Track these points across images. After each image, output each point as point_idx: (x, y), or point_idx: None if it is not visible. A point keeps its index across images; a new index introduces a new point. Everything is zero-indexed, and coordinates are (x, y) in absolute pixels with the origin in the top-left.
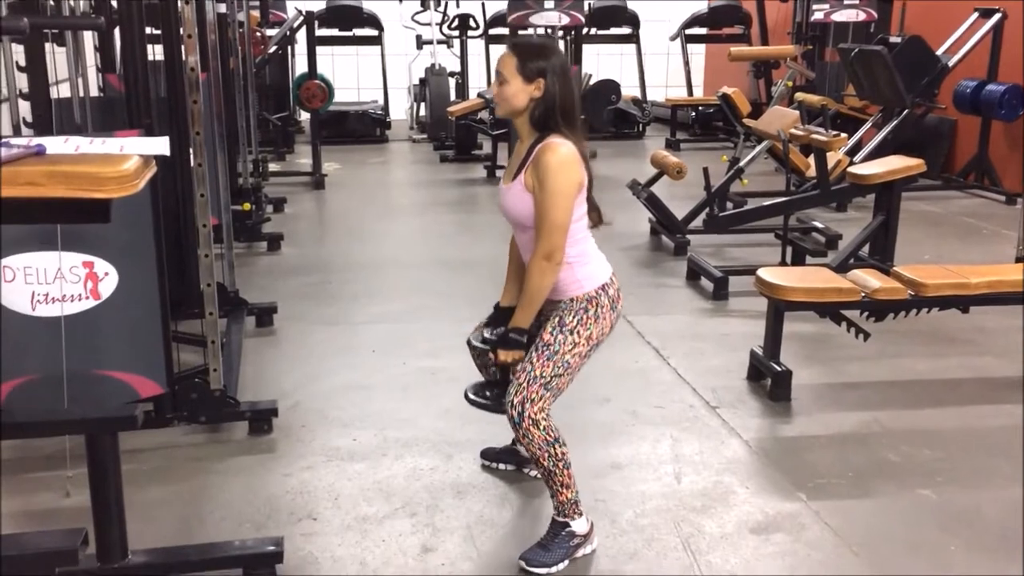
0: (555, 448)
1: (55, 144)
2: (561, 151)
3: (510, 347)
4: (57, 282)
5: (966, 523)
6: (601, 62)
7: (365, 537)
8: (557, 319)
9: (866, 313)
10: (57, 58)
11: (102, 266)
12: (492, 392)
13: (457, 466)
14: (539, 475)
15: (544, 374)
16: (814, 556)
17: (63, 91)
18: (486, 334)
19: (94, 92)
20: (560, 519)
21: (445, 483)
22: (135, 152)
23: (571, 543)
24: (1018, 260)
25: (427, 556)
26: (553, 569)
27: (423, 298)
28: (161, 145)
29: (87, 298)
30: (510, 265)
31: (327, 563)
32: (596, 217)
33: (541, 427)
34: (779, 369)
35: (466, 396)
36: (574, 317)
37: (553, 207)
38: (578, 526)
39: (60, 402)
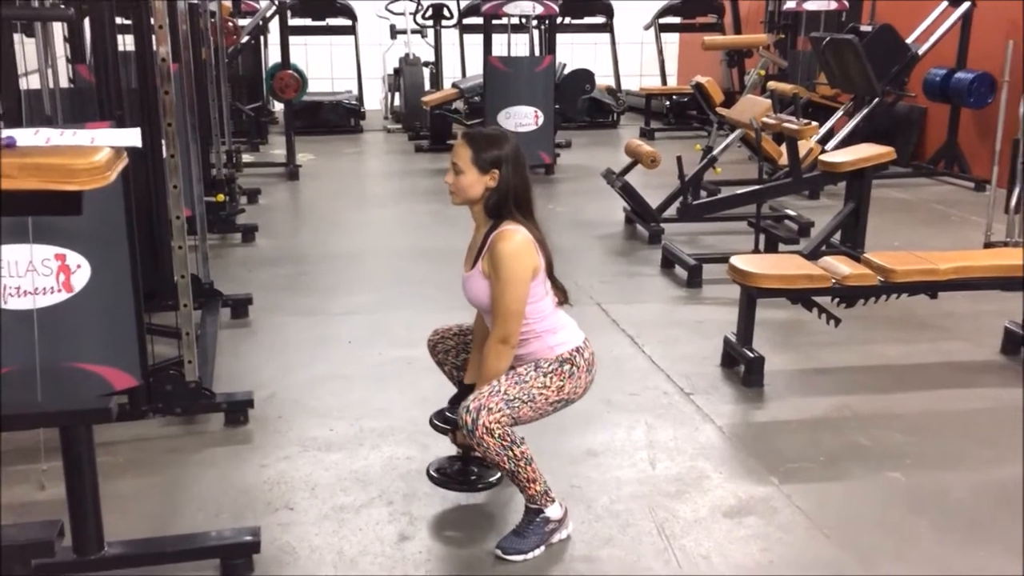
0: (512, 450)
1: (25, 136)
2: (515, 239)
3: None
4: (29, 275)
5: (935, 505)
6: (575, 51)
7: (342, 526)
8: (534, 363)
9: (837, 299)
10: (26, 48)
11: (74, 258)
12: (455, 469)
13: (434, 455)
14: (504, 474)
15: (508, 392)
16: (786, 539)
17: (32, 82)
18: (448, 414)
19: (64, 83)
20: (533, 506)
21: (422, 472)
22: (106, 144)
23: (546, 529)
24: (986, 246)
25: (404, 544)
26: (529, 555)
27: (399, 288)
28: (132, 137)
29: (59, 291)
30: (474, 342)
31: (305, 552)
32: (562, 296)
33: (495, 435)
34: (752, 355)
35: (428, 473)
36: (549, 366)
37: (506, 294)
38: (552, 512)
39: (34, 395)
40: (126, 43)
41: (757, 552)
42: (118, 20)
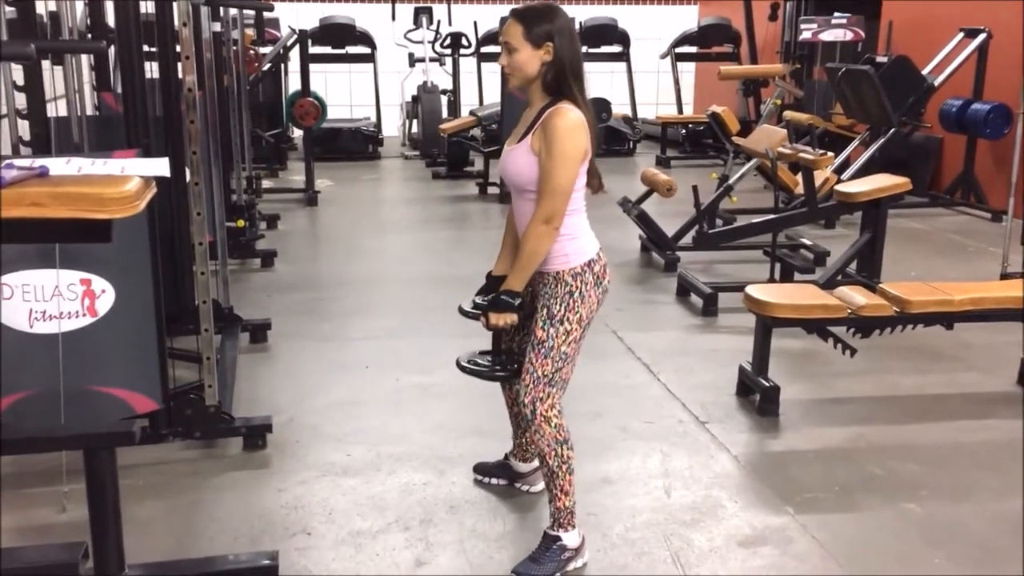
0: (562, 448)
1: (58, 165)
2: (571, 116)
3: (501, 309)
4: (55, 299)
5: (950, 536)
6: (592, 80)
7: (359, 551)
8: (546, 311)
9: (852, 329)
10: (54, 75)
11: (99, 283)
12: (484, 358)
13: (450, 481)
14: (542, 474)
15: (546, 372)
16: (801, 569)
17: (58, 108)
18: (477, 300)
19: (89, 110)
20: (552, 532)
21: (438, 498)
22: (136, 173)
23: (562, 556)
24: (1003, 277)
25: (420, 570)
26: None
27: (416, 314)
28: (161, 166)
29: (84, 315)
30: (506, 236)
31: None
32: (597, 183)
33: (553, 424)
34: (767, 385)
35: (458, 363)
36: (560, 304)
37: (558, 171)
38: (569, 540)
39: (57, 418)
40: (152, 70)
41: None
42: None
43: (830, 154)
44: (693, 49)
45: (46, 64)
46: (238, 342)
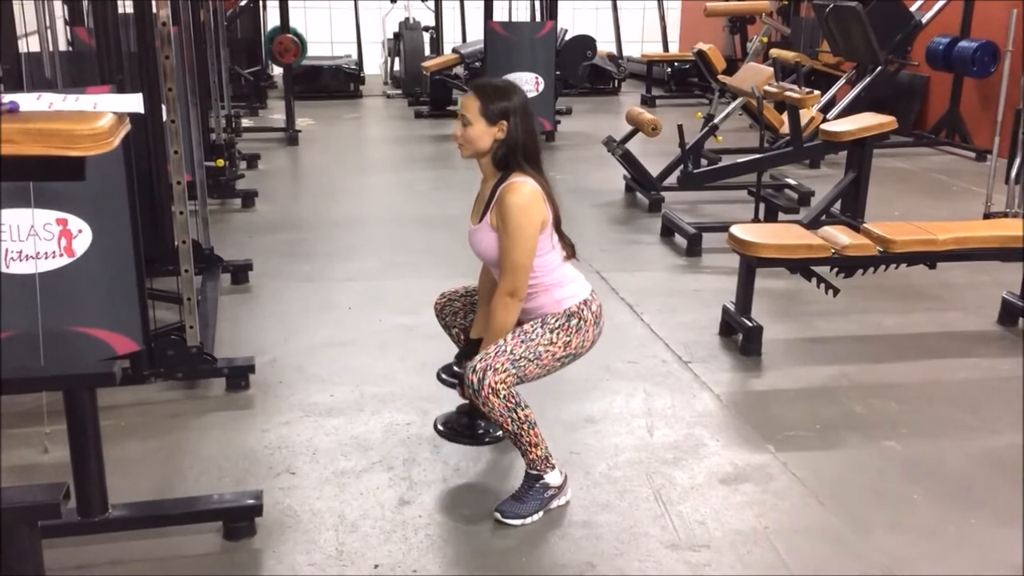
0: (517, 412)
1: (28, 101)
2: (523, 191)
3: None
4: (31, 239)
5: (929, 473)
6: (577, 17)
7: (343, 491)
8: (540, 319)
9: (836, 269)
10: (25, 10)
11: (76, 223)
12: (462, 424)
13: (434, 421)
14: (508, 438)
15: (514, 351)
16: (781, 505)
17: (31, 45)
18: (455, 368)
19: (63, 46)
20: (533, 472)
21: (422, 438)
22: (109, 109)
23: (545, 495)
24: (986, 217)
25: (404, 509)
26: (527, 520)
27: (399, 255)
28: (135, 102)
29: (61, 255)
30: (480, 298)
31: (306, 516)
32: (570, 251)
33: (501, 395)
34: (750, 324)
35: (435, 427)
36: (556, 321)
37: (515, 247)
38: (551, 478)
39: (37, 359)
40: (125, 6)
41: (753, 518)
42: None
43: (816, 93)
44: None
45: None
46: (219, 283)
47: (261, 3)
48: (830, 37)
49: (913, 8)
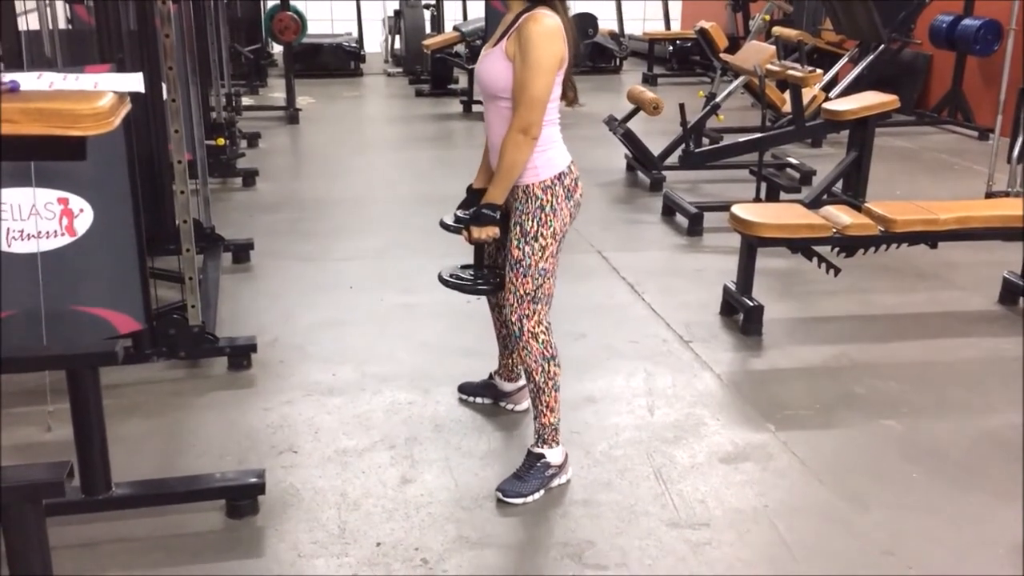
0: (549, 365)
1: (29, 80)
2: (545, 22)
3: (483, 223)
4: (32, 218)
5: (928, 452)
6: None
7: (345, 469)
8: (519, 228)
9: (837, 249)
10: None
11: (77, 202)
12: (466, 272)
13: (435, 400)
14: (528, 390)
15: (527, 291)
16: (781, 484)
17: (30, 22)
18: (459, 213)
19: (62, 24)
20: (536, 450)
21: (423, 416)
22: (109, 89)
23: (546, 474)
24: (988, 196)
25: (406, 487)
26: (529, 499)
27: (400, 234)
28: (135, 81)
29: (63, 234)
30: (486, 148)
31: (308, 494)
32: (572, 96)
33: (540, 340)
34: (751, 304)
35: (440, 277)
36: (532, 220)
37: (533, 80)
38: (553, 457)
39: (39, 338)
40: None
41: (753, 497)
42: None
43: (818, 71)
44: None
45: None
46: (220, 262)
47: None
48: (833, 15)
49: None
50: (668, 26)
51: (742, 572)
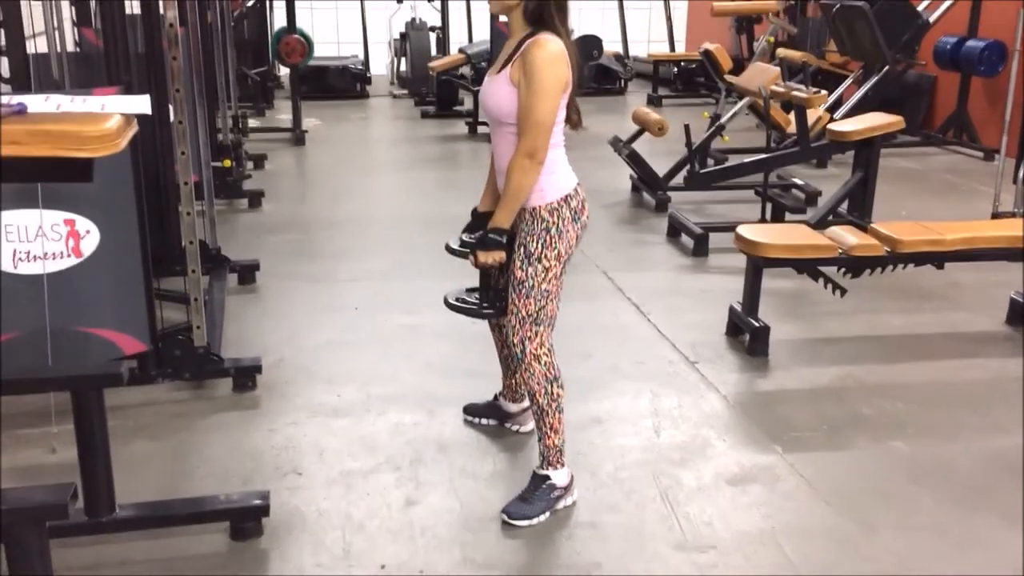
0: (552, 387)
1: (36, 102)
2: (549, 47)
3: (489, 248)
4: (39, 240)
5: (935, 474)
6: (583, 17)
7: (350, 491)
8: (523, 249)
9: (843, 269)
10: (32, 11)
11: (83, 224)
12: (472, 296)
13: (440, 421)
14: (532, 412)
15: (529, 312)
16: (788, 506)
17: (38, 45)
18: (464, 237)
19: (70, 47)
20: (541, 472)
21: (428, 438)
22: (117, 111)
23: (552, 495)
24: (994, 216)
25: (411, 509)
26: (534, 521)
27: (405, 255)
28: (142, 104)
29: (69, 256)
30: (490, 176)
31: (313, 516)
32: (576, 119)
33: (542, 362)
34: (757, 325)
35: (445, 301)
36: (537, 242)
37: (538, 104)
38: (558, 479)
39: (44, 359)
40: (133, 7)
41: (760, 519)
42: None
43: (823, 92)
44: None
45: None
46: (226, 283)
47: (268, 3)
48: (837, 36)
49: (920, 7)
50: (673, 48)
51: None
